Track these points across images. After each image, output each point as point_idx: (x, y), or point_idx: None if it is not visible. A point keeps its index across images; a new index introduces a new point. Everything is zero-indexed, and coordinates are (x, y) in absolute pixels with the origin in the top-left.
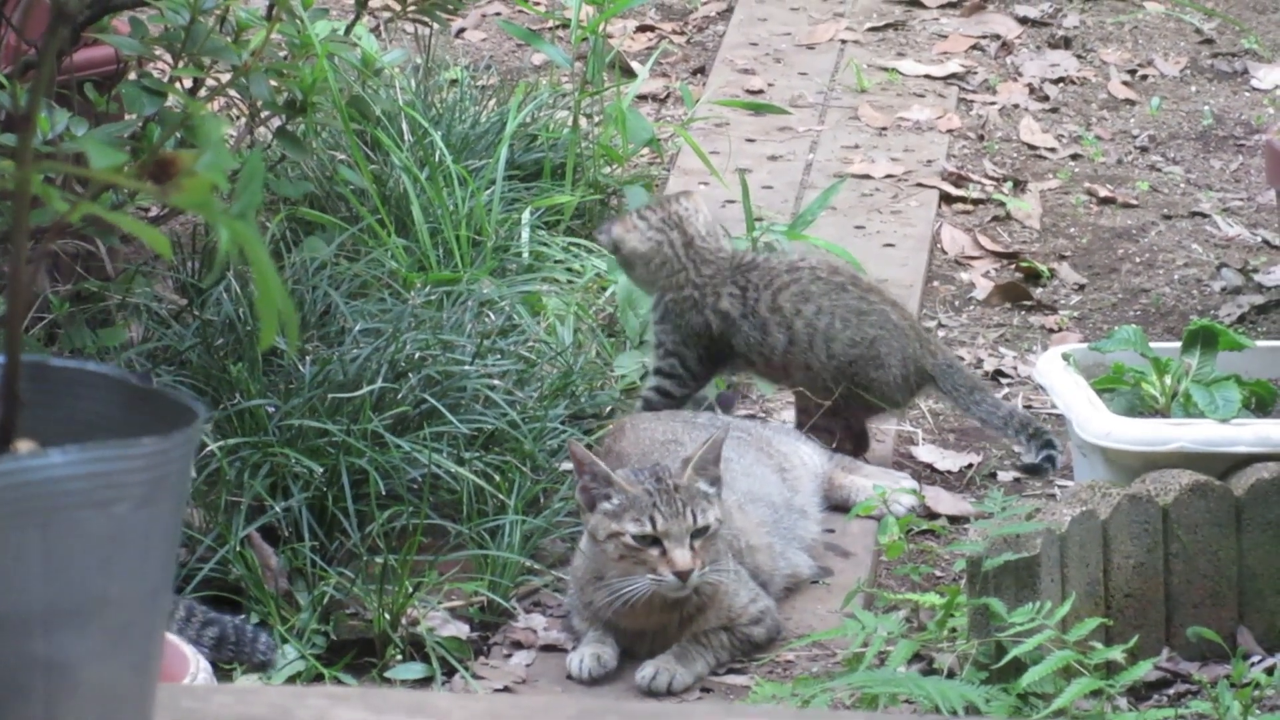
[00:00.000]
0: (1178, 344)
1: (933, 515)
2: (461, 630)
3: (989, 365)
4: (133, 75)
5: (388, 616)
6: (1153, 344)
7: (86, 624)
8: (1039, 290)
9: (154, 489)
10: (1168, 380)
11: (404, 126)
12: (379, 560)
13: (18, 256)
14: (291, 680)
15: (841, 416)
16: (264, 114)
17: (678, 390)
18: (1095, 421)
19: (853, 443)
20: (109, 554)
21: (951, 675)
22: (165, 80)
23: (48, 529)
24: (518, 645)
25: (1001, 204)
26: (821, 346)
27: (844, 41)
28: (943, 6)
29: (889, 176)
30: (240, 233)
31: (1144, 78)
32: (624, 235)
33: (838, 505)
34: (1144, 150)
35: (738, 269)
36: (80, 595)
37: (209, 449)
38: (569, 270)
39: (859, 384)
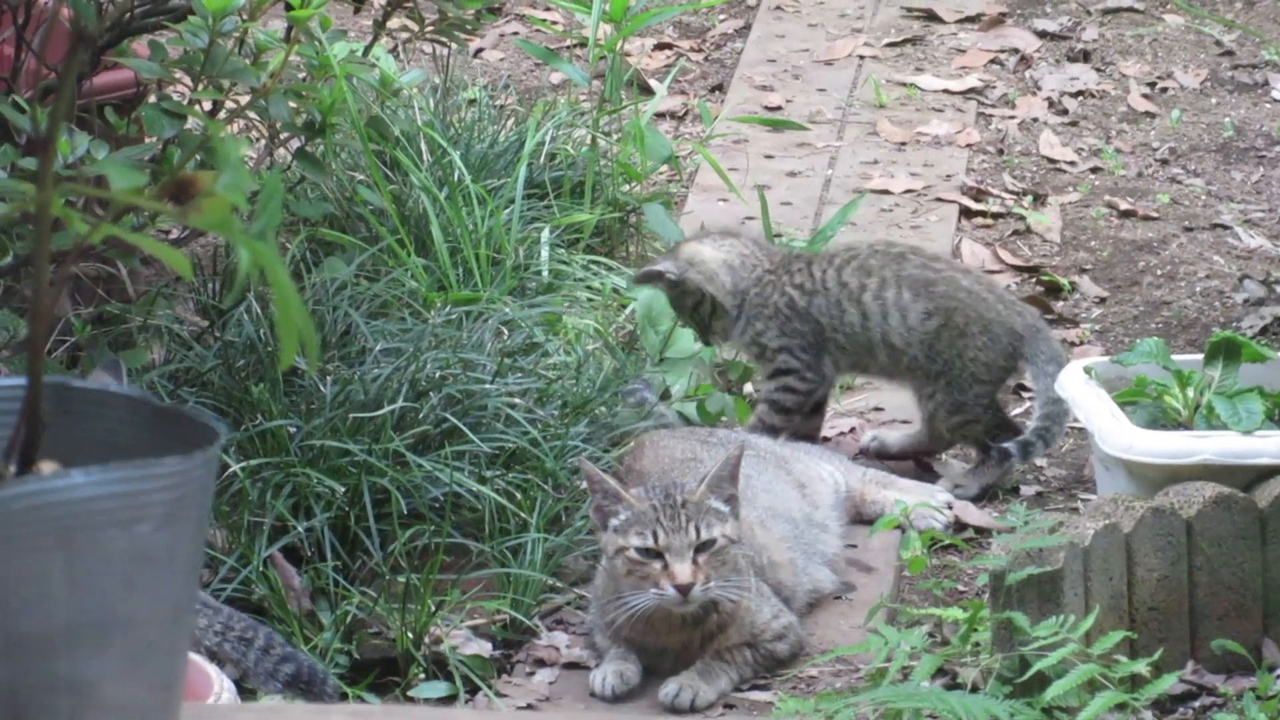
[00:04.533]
0: (1200, 356)
1: (962, 527)
2: (484, 648)
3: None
4: (153, 98)
5: (411, 635)
6: (1175, 356)
7: (109, 643)
8: (1060, 304)
9: (176, 508)
10: (1190, 393)
11: (423, 146)
12: (401, 579)
13: (40, 279)
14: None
15: (979, 423)
16: (283, 135)
17: (801, 385)
18: (1117, 435)
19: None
20: (131, 573)
21: (975, 690)
22: (185, 103)
23: (70, 549)
24: (541, 663)
25: (1021, 218)
26: (897, 320)
27: (862, 57)
28: (961, 21)
29: (908, 191)
30: (260, 253)
31: (1164, 90)
32: (698, 250)
33: (872, 520)
34: (1164, 163)
35: (796, 257)
36: (103, 614)
37: (231, 470)
38: (589, 288)
39: (951, 358)
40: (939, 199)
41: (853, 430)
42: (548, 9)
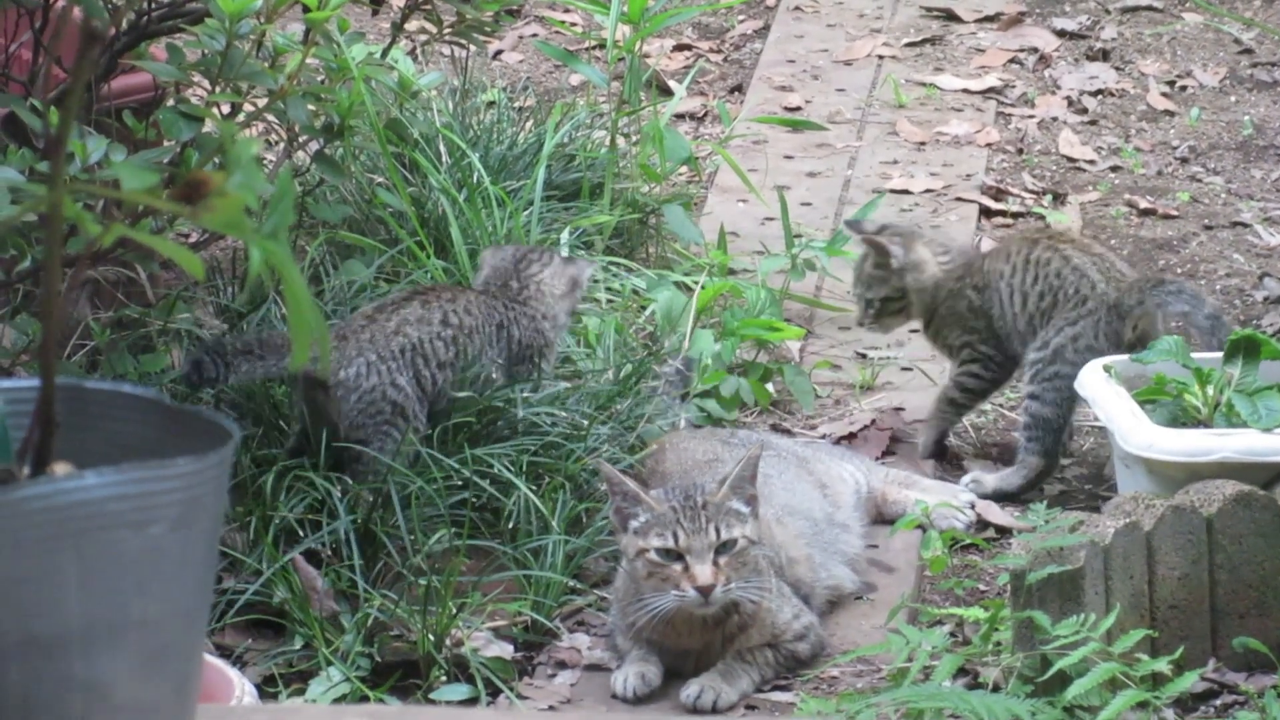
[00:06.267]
0: (1220, 354)
1: (984, 527)
2: (506, 650)
3: None
4: (170, 101)
5: (432, 638)
6: (1194, 354)
7: (123, 645)
8: None
9: (189, 510)
10: (1210, 391)
11: (442, 148)
12: (423, 582)
13: (51, 281)
14: (337, 703)
15: (1040, 443)
16: (302, 138)
17: (985, 372)
18: (1138, 433)
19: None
20: (145, 575)
21: (997, 689)
22: (203, 105)
23: (83, 550)
24: (562, 665)
25: (1041, 217)
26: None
27: (881, 57)
28: (980, 21)
29: (928, 191)
30: (271, 252)
31: (1183, 88)
32: (926, 259)
33: (893, 520)
34: (1184, 161)
35: (975, 258)
36: (117, 616)
37: (251, 471)
38: (608, 290)
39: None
40: (959, 199)
41: (873, 423)
42: (567, 10)
